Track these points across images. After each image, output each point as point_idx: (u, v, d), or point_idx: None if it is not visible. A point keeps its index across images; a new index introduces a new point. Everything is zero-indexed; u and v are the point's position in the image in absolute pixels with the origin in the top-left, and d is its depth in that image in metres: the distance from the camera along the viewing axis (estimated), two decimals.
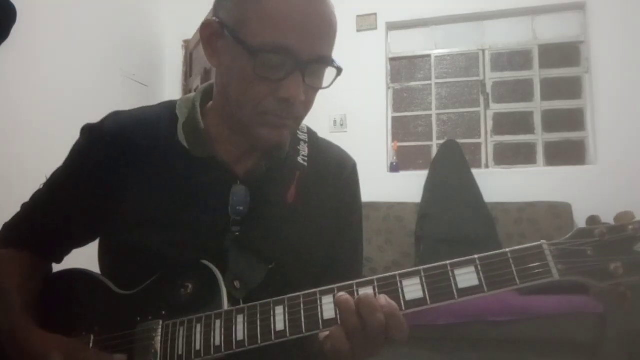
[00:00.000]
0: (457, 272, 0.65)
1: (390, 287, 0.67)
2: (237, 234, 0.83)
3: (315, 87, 0.80)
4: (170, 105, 0.90)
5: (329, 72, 0.81)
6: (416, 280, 0.66)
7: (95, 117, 0.91)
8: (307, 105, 0.81)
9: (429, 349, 2.63)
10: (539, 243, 0.64)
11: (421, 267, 0.66)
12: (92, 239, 0.93)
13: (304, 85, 0.76)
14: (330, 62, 0.79)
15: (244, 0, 0.75)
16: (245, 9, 0.75)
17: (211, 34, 0.81)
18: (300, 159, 0.90)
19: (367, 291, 0.67)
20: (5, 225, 0.95)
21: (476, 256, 0.65)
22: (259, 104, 0.77)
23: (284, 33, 0.73)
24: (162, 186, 0.85)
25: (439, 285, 0.65)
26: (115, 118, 0.89)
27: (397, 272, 0.67)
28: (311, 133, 0.96)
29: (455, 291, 0.64)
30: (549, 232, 3.13)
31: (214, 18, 0.80)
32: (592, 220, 0.64)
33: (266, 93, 0.76)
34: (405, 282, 0.66)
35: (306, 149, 0.92)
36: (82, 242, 0.94)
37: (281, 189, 0.87)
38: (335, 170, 0.93)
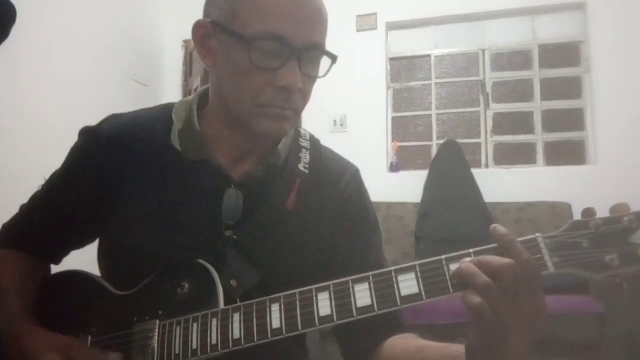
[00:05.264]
0: (452, 266, 0.64)
1: (386, 283, 0.66)
2: (234, 237, 0.83)
3: (312, 76, 0.81)
4: (167, 108, 0.90)
5: (325, 63, 0.81)
6: (411, 276, 0.65)
7: (96, 117, 0.92)
8: (305, 95, 0.82)
9: None
10: (533, 236, 0.64)
11: (416, 262, 0.66)
12: (90, 241, 0.94)
13: (301, 75, 0.77)
14: (324, 49, 0.80)
15: None
16: (237, 2, 0.76)
17: (204, 34, 0.82)
18: (301, 167, 0.89)
19: (363, 287, 0.67)
20: (5, 227, 0.95)
21: (471, 250, 0.65)
22: (257, 96, 0.77)
23: (276, 22, 0.74)
24: (157, 189, 0.85)
25: (434, 280, 0.65)
26: (112, 121, 0.90)
27: (392, 268, 0.67)
28: (313, 140, 0.96)
29: (450, 286, 0.64)
30: (549, 232, 3.10)
31: (206, 18, 0.82)
32: (588, 212, 0.64)
33: (264, 84, 0.77)
34: (401, 278, 0.66)
35: (308, 157, 0.91)
36: (80, 244, 0.95)
37: (280, 196, 0.86)
38: (335, 178, 0.93)
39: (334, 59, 0.81)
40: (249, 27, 0.75)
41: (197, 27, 0.82)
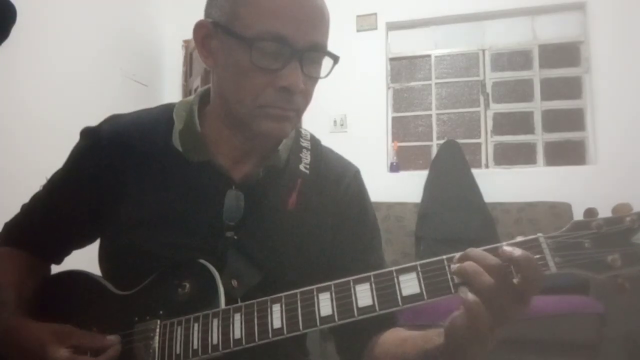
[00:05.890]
0: (453, 266, 0.64)
1: (387, 283, 0.66)
2: (235, 238, 0.83)
3: (314, 77, 0.81)
4: (168, 109, 0.90)
5: (326, 64, 0.81)
6: (413, 276, 0.66)
7: (96, 117, 0.92)
8: (307, 96, 0.81)
9: None
10: (535, 236, 0.64)
11: (418, 262, 0.66)
12: (91, 241, 0.94)
13: (303, 75, 0.77)
14: (326, 50, 0.80)
15: None
16: (238, 2, 0.76)
17: (205, 35, 0.82)
18: (302, 167, 0.89)
19: (364, 287, 0.67)
20: (6, 225, 0.96)
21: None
22: (258, 97, 0.77)
23: (277, 22, 0.74)
24: (158, 189, 0.85)
25: (435, 280, 0.65)
26: (113, 122, 0.90)
27: (393, 268, 0.67)
28: (314, 141, 0.96)
29: (452, 286, 0.64)
30: (549, 232, 3.10)
31: (207, 19, 0.81)
32: (590, 212, 0.64)
33: (265, 84, 0.77)
34: (402, 278, 0.66)
35: (309, 157, 0.92)
36: (80, 243, 0.95)
37: (281, 196, 0.86)
38: (336, 179, 0.93)
39: (335, 59, 0.81)
40: (250, 28, 0.75)
41: (198, 28, 0.82)
